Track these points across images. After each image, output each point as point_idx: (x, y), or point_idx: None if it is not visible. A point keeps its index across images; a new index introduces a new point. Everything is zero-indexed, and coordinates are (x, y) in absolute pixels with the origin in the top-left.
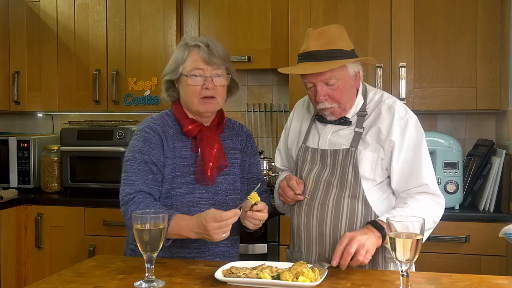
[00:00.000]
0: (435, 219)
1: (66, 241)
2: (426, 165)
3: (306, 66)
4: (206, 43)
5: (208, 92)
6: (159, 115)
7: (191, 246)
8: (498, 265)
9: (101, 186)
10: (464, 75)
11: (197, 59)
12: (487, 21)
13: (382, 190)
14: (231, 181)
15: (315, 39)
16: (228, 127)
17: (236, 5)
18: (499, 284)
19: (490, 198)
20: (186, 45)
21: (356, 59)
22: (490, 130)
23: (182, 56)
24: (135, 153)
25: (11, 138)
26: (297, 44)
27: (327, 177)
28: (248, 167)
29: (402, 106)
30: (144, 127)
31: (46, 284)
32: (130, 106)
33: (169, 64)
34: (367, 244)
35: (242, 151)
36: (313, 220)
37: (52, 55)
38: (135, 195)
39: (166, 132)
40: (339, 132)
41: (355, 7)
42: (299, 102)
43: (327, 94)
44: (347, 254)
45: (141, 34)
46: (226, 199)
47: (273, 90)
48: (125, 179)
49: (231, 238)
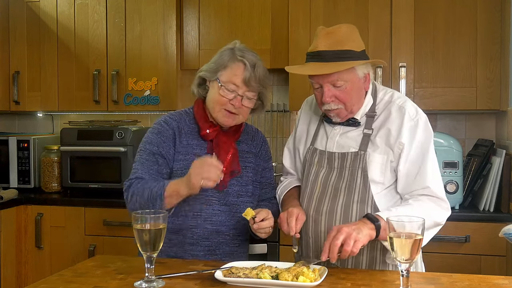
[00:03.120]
0: (436, 220)
1: (66, 241)
2: (431, 168)
3: (313, 67)
4: (252, 63)
5: (233, 108)
6: (178, 112)
7: (203, 244)
8: (498, 265)
9: (101, 186)
10: (464, 75)
11: (238, 75)
12: (487, 21)
13: (391, 194)
14: (244, 184)
15: (325, 38)
16: (245, 131)
17: (236, 5)
18: (499, 284)
19: (490, 198)
20: (233, 54)
21: (364, 61)
22: (490, 130)
23: (226, 62)
24: (146, 144)
25: (11, 138)
26: (297, 44)
27: (335, 181)
28: (261, 172)
29: (413, 106)
30: (160, 120)
31: (46, 284)
32: (130, 106)
33: (210, 61)
34: (355, 234)
35: (256, 155)
36: (321, 226)
37: (52, 55)
38: (134, 181)
39: (181, 129)
40: (348, 134)
41: (355, 7)
42: (306, 101)
43: (333, 95)
44: (333, 246)
45: (141, 34)
46: (238, 201)
47: (273, 90)
48: (133, 168)
49: (239, 239)
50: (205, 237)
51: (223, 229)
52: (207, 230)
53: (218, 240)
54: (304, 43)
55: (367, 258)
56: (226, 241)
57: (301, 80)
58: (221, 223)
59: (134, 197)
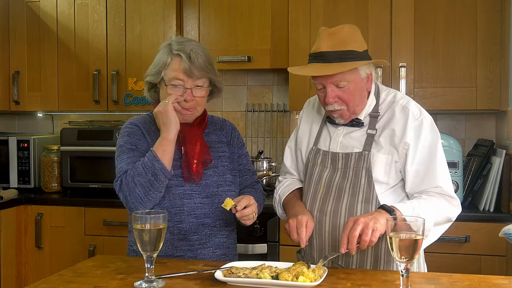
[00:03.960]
0: (449, 216)
1: (66, 241)
2: (441, 167)
3: (316, 68)
4: (188, 53)
5: (186, 104)
6: (140, 116)
7: (192, 238)
8: (498, 265)
9: (101, 186)
10: (464, 75)
11: (178, 69)
12: (487, 21)
13: (396, 194)
14: (221, 173)
15: (327, 39)
16: (211, 122)
17: (236, 5)
18: (499, 284)
19: (490, 198)
20: (170, 51)
21: (367, 62)
22: (490, 130)
23: (165, 61)
24: (122, 146)
25: (11, 138)
26: (297, 44)
27: (339, 182)
28: (237, 159)
29: (416, 106)
30: (126, 124)
31: (46, 284)
32: (130, 106)
33: (152, 65)
34: (372, 224)
35: (228, 143)
36: (325, 226)
37: (52, 55)
38: (122, 175)
39: (148, 128)
40: (351, 134)
41: (355, 7)
42: (308, 102)
43: (337, 96)
44: (352, 237)
45: (141, 34)
46: (218, 190)
47: (273, 90)
48: (116, 169)
49: (226, 229)
50: (193, 231)
51: (209, 221)
52: (193, 224)
53: (206, 233)
54: (304, 43)
55: (371, 257)
56: (214, 232)
57: (301, 80)
58: (205, 215)
59: (131, 183)
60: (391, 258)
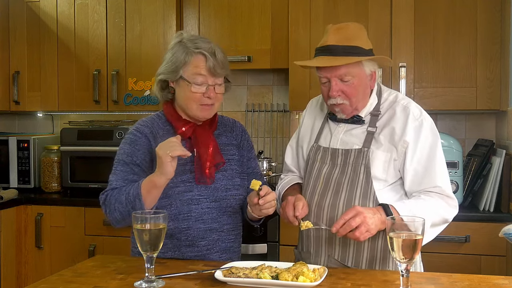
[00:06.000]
0: (445, 217)
1: (66, 241)
2: (440, 167)
3: (322, 60)
4: (212, 51)
5: (209, 100)
6: (149, 118)
7: (200, 244)
8: (498, 265)
9: (101, 186)
10: (464, 75)
11: (201, 67)
12: (487, 21)
13: (394, 191)
14: (229, 177)
15: (334, 33)
16: (222, 123)
17: (236, 5)
18: (499, 284)
19: (490, 198)
20: (187, 48)
21: (372, 57)
22: (490, 130)
23: (183, 59)
24: (119, 155)
25: (11, 138)
26: (297, 44)
27: (338, 177)
28: (246, 162)
29: (417, 107)
30: (132, 129)
31: (46, 284)
32: (130, 106)
33: (165, 63)
34: (371, 224)
35: (238, 146)
36: (323, 220)
37: (52, 55)
38: (109, 192)
39: (156, 133)
40: (352, 132)
41: (355, 7)
42: (312, 101)
43: (340, 90)
44: (348, 226)
45: (141, 34)
46: (227, 195)
47: (273, 90)
48: (109, 180)
49: (233, 233)
50: (201, 237)
51: (216, 225)
52: (200, 229)
53: (214, 238)
54: (304, 43)
55: (367, 257)
56: (221, 237)
57: (301, 80)
58: (213, 220)
59: (112, 205)
60: (387, 256)
